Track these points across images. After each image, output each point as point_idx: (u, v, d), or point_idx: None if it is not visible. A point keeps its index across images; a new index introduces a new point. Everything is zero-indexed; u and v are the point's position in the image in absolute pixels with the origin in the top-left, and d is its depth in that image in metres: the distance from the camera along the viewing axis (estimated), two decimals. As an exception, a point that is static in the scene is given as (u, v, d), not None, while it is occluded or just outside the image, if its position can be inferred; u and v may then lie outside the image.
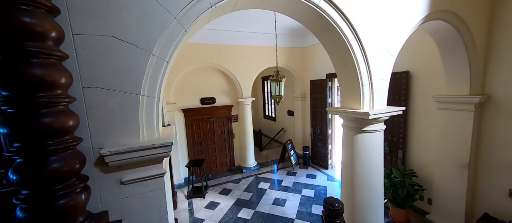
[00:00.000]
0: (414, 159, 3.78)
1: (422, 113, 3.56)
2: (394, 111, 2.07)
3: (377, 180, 2.16)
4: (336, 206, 1.80)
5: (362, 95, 2.02)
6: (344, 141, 2.34)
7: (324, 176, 5.61)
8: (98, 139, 1.11)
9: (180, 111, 5.49)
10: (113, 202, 1.18)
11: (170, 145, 1.19)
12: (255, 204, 4.46)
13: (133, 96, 1.16)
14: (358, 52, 1.91)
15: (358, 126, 2.12)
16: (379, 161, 2.16)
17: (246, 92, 5.87)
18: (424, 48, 3.41)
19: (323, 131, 5.92)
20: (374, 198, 2.17)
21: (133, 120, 1.17)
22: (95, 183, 1.13)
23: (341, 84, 2.21)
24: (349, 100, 2.16)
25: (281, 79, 4.18)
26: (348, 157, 2.25)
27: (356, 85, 2.02)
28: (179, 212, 4.34)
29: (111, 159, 1.08)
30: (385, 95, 2.09)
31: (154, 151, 1.17)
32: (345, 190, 2.34)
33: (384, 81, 2.05)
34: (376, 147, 2.13)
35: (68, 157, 0.92)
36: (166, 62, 1.26)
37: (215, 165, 6.13)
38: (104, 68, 1.08)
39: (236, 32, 5.41)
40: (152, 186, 1.26)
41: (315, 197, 4.63)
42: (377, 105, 2.05)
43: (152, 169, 1.24)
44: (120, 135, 1.15)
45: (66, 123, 0.91)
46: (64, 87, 0.92)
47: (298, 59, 6.47)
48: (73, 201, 0.93)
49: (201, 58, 5.26)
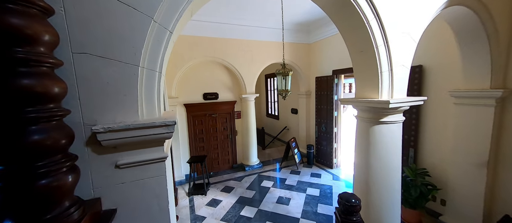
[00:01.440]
0: (426, 157, 3.60)
1: (436, 109, 3.39)
2: (416, 101, 1.91)
3: (394, 175, 2.00)
4: (353, 202, 1.64)
5: (381, 83, 1.86)
6: (357, 133, 2.18)
7: (329, 175, 5.44)
8: (90, 114, 0.97)
9: (182, 106, 5.35)
10: (107, 188, 1.03)
11: (172, 124, 1.04)
12: (258, 203, 4.30)
13: (132, 68, 1.01)
14: (378, 35, 1.75)
15: (375, 116, 1.96)
16: (397, 155, 1.99)
17: (250, 87, 5.73)
18: (438, 41, 3.25)
19: (329, 129, 5.75)
20: (391, 195, 2.01)
21: (130, 94, 1.02)
22: (87, 165, 0.98)
23: (357, 72, 2.06)
24: (365, 89, 2.00)
25: (288, 72, 4.03)
26: (363, 150, 2.09)
27: (374, 72, 1.86)
28: (180, 209, 4.19)
29: (105, 137, 0.94)
30: (406, 83, 1.93)
31: (154, 131, 1.02)
32: (358, 187, 2.18)
33: (405, 68, 1.89)
34: (394, 139, 1.96)
35: (53, 129, 0.78)
36: (169, 32, 1.11)
37: (217, 162, 5.98)
38: (98, 33, 0.94)
39: (240, 26, 5.28)
40: (151, 171, 1.11)
41: (321, 196, 4.46)
42: (396, 94, 1.89)
43: (152, 152, 1.09)
44: (116, 111, 1.01)
45: (50, 88, 0.76)
46: (47, 46, 0.78)
47: (303, 55, 6.31)
48: (57, 182, 0.78)
49: (205, 52, 5.13)
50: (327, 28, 5.47)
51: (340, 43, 5.19)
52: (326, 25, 5.44)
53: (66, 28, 0.89)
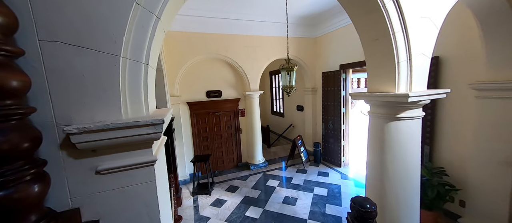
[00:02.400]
0: (443, 155, 3.36)
1: (454, 102, 3.14)
2: (438, 94, 1.71)
3: (413, 176, 1.81)
4: (368, 207, 1.47)
5: (398, 75, 1.66)
6: (370, 131, 2.00)
7: (337, 174, 5.24)
8: (63, 112, 0.83)
9: (185, 104, 5.25)
10: (87, 197, 0.90)
11: (160, 123, 0.90)
12: (264, 203, 4.16)
13: (111, 58, 0.87)
14: (395, 20, 1.56)
15: (391, 112, 1.76)
16: (415, 154, 1.80)
17: (254, 84, 5.57)
18: (456, 30, 2.99)
19: (336, 126, 5.54)
20: (409, 198, 1.82)
21: (111, 89, 0.89)
22: (62, 171, 0.85)
23: (370, 64, 1.86)
24: (379, 82, 1.81)
25: (292, 67, 3.86)
26: (377, 149, 1.90)
27: (390, 62, 1.67)
28: (183, 209, 4.10)
29: (80, 139, 0.80)
30: (426, 74, 1.73)
31: (139, 131, 0.88)
32: (372, 189, 2.00)
33: (425, 57, 1.68)
34: (412, 136, 1.77)
35: (11, 131, 0.65)
36: (156, 17, 0.97)
37: (222, 161, 5.87)
38: (70, 17, 0.80)
39: (243, 21, 5.11)
40: (139, 177, 0.97)
41: (329, 196, 4.28)
42: (416, 86, 1.70)
43: (138, 155, 0.96)
44: (94, 108, 0.87)
45: (4, 81, 0.63)
46: (0, 30, 0.64)
47: (309, 50, 6.09)
48: (19, 193, 0.65)
49: (207, 49, 5.00)
50: (333, 21, 5.23)
51: (348, 36, 4.95)
52: (332, 18, 5.20)
53: (31, 11, 0.75)
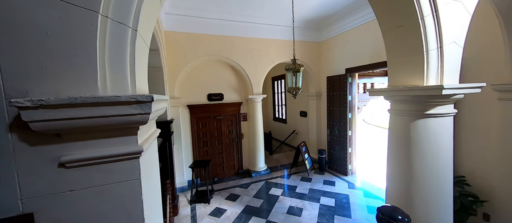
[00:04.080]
0: (463, 163, 3.10)
1: (475, 105, 2.92)
2: (474, 88, 1.49)
3: (445, 183, 1.56)
4: (400, 219, 1.22)
5: (426, 65, 1.45)
6: (392, 131, 1.77)
7: (344, 183, 4.94)
8: (17, 82, 0.62)
9: (185, 107, 5.04)
10: (46, 199, 0.67)
11: (148, 100, 0.68)
12: (267, 213, 3.86)
13: (86, 14, 0.67)
14: (425, 2, 1.37)
15: (418, 108, 1.54)
16: (448, 156, 1.56)
17: (256, 88, 5.38)
18: (477, 27, 2.82)
19: (342, 133, 5.29)
20: (441, 208, 1.56)
21: (84, 55, 0.68)
22: (11, 161, 0.63)
23: (392, 55, 1.66)
24: (403, 74, 1.60)
25: (298, 68, 3.67)
26: (401, 151, 1.66)
27: (418, 51, 1.46)
28: (180, 219, 3.80)
29: (35, 116, 0.58)
30: (458, 66, 1.52)
31: (118, 110, 0.66)
32: (396, 198, 1.74)
33: (457, 46, 1.48)
34: (444, 137, 1.54)
35: None
36: (149, -29, 0.78)
37: (222, 168, 5.58)
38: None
39: (247, 23, 4.99)
40: (118, 173, 0.74)
41: (337, 207, 3.98)
42: (447, 79, 1.48)
43: (119, 143, 0.73)
44: (61, 79, 0.66)
45: None
46: None
47: (313, 54, 5.95)
48: None
49: (209, 50, 4.85)
50: (339, 24, 5.11)
51: (354, 39, 4.82)
52: (338, 21, 5.08)
53: None
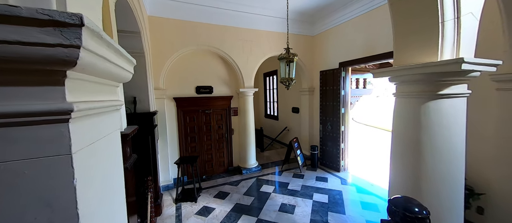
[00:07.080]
0: (458, 156, 3.04)
1: (471, 95, 2.84)
2: (493, 64, 1.34)
3: (458, 169, 1.42)
4: (417, 212, 1.04)
5: (441, 38, 1.30)
6: (398, 117, 1.60)
7: (337, 179, 4.83)
8: None
9: (171, 100, 4.71)
10: None
11: (75, 23, 0.43)
12: (258, 211, 3.65)
13: None
14: (442, -36, 1.21)
15: (430, 89, 1.39)
16: (460, 142, 1.42)
17: (248, 81, 5.15)
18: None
19: (335, 128, 5.19)
20: (453, 196, 1.41)
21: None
22: None
23: (399, 28, 1.50)
24: (413, 50, 1.44)
25: (292, 58, 3.49)
26: (409, 138, 1.50)
27: (431, 22, 1.30)
28: (163, 219, 3.50)
29: None
30: (474, 39, 1.38)
31: (19, 33, 0.41)
32: (402, 190, 1.58)
33: (474, 18, 1.34)
34: (458, 120, 1.39)
35: None
36: None
37: (211, 165, 5.30)
38: None
39: (239, 13, 4.76)
40: (28, 144, 0.49)
41: (330, 203, 3.84)
42: (464, 54, 1.33)
43: (30, 96, 0.48)
44: None
45: None
46: None
47: (306, 48, 5.80)
48: None
49: (198, 40, 4.56)
50: (333, 17, 5.00)
51: (349, 32, 4.72)
52: (332, 14, 4.97)
53: None
